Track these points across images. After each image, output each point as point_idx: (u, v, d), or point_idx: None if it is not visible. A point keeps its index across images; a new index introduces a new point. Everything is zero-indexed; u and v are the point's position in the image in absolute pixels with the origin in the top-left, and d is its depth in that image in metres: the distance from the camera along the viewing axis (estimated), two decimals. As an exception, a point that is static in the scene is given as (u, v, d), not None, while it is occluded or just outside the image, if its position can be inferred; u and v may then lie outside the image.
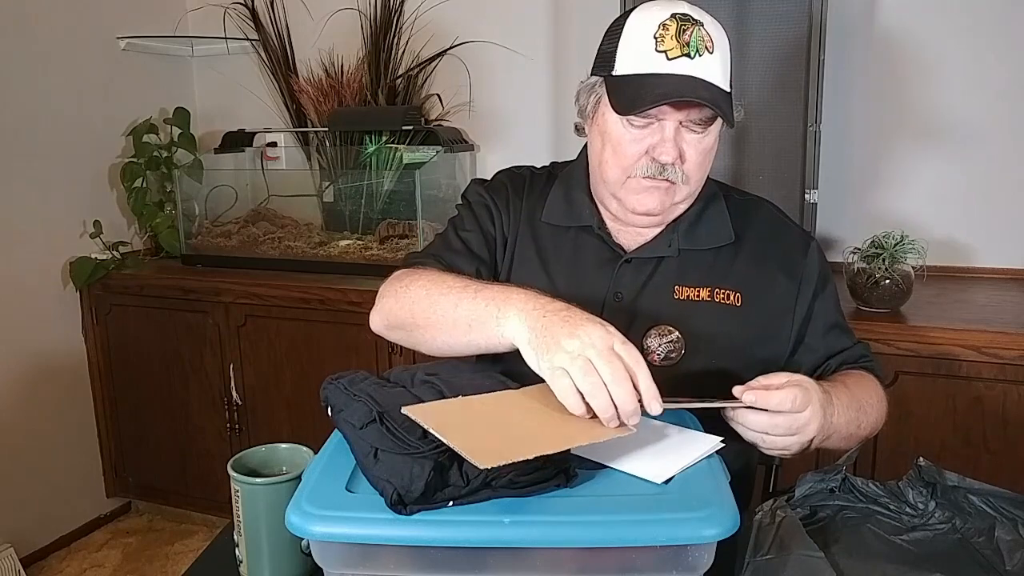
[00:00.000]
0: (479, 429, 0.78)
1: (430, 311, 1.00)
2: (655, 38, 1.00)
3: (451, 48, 2.58)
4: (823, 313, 1.14)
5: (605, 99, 1.06)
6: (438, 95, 2.64)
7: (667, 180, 1.05)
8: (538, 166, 1.28)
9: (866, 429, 1.05)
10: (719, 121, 1.06)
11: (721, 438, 0.86)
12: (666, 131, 1.03)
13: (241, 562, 0.95)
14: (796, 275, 1.13)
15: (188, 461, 2.60)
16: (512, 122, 2.59)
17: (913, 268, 1.86)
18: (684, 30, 0.99)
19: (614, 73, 1.04)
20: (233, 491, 0.93)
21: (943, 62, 2.15)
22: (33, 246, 2.44)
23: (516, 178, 1.24)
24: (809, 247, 1.16)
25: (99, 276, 2.53)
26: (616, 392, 0.78)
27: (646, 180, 1.05)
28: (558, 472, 0.76)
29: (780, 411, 0.89)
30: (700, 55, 1.00)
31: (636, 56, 1.02)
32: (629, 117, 1.03)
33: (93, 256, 2.54)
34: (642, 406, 0.80)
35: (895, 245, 1.84)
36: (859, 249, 1.90)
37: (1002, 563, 0.79)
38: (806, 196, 1.97)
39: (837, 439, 0.99)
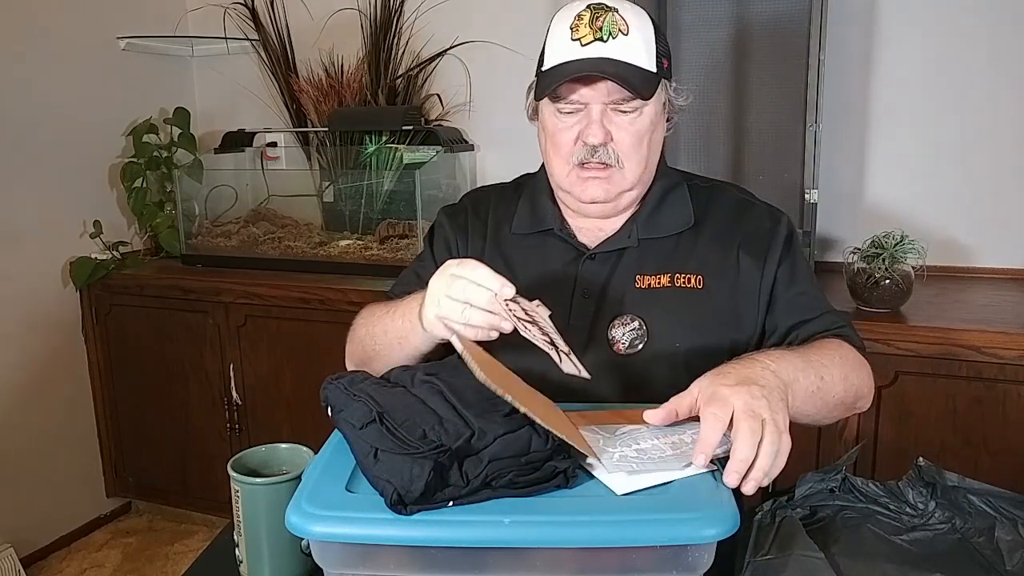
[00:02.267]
0: (497, 374, 0.81)
1: (373, 343, 1.12)
2: (571, 28, 1.06)
3: (451, 48, 2.58)
4: (788, 280, 1.12)
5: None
6: (438, 95, 2.65)
7: (602, 164, 1.08)
8: (507, 181, 1.30)
9: (836, 382, 0.98)
10: (652, 104, 1.08)
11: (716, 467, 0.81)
12: (592, 114, 1.06)
13: (241, 562, 0.95)
14: (762, 250, 1.12)
15: (188, 461, 2.60)
16: (512, 122, 2.58)
17: (913, 268, 1.86)
18: (597, 17, 1.05)
19: (542, 68, 1.09)
20: (233, 491, 0.93)
21: (944, 62, 2.15)
22: (33, 246, 2.44)
23: (478, 197, 1.28)
24: (779, 221, 1.15)
25: (99, 276, 2.53)
26: (474, 320, 0.90)
27: (584, 169, 1.09)
28: (558, 472, 0.76)
29: (732, 437, 0.78)
30: (614, 37, 1.04)
31: (556, 48, 1.07)
32: (558, 106, 1.08)
33: (93, 256, 2.54)
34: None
35: (895, 245, 1.84)
36: (859, 249, 1.90)
37: (1002, 563, 0.79)
38: (806, 196, 1.97)
39: (802, 396, 0.91)
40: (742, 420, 0.78)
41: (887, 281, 1.84)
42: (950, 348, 1.73)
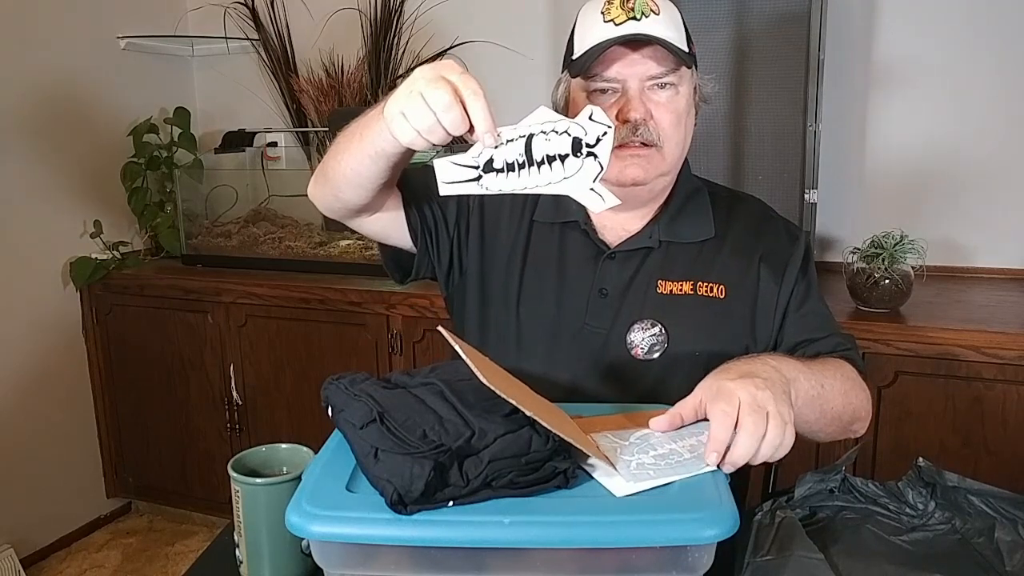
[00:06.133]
0: (494, 374, 0.80)
1: (336, 145, 1.04)
2: (602, 12, 1.05)
3: (451, 48, 2.58)
4: (801, 298, 1.13)
5: (571, 84, 1.10)
6: (438, 95, 2.64)
7: (643, 143, 1.06)
8: None
9: (836, 395, 0.98)
10: (687, 85, 1.08)
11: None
12: (630, 91, 1.05)
13: (241, 562, 0.95)
14: (780, 266, 1.13)
15: (188, 461, 2.60)
16: (511, 122, 2.59)
17: (913, 268, 1.85)
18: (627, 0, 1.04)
19: (573, 57, 1.08)
20: (233, 491, 0.93)
21: (944, 63, 2.15)
22: (33, 246, 2.44)
23: None
24: (797, 238, 1.16)
25: (99, 276, 2.53)
26: (444, 118, 0.82)
27: (624, 150, 1.05)
28: (558, 472, 0.76)
29: (737, 431, 0.78)
30: (647, 16, 1.03)
31: (588, 33, 1.06)
32: (594, 89, 1.06)
33: (93, 256, 2.54)
34: None
35: (895, 245, 1.84)
36: (859, 249, 1.90)
37: (1002, 563, 0.79)
38: (806, 196, 1.97)
39: (804, 398, 0.91)
40: (746, 415, 0.78)
41: (887, 281, 1.84)
42: (950, 348, 1.73)
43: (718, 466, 0.78)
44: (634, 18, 1.03)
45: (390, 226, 1.16)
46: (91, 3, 2.57)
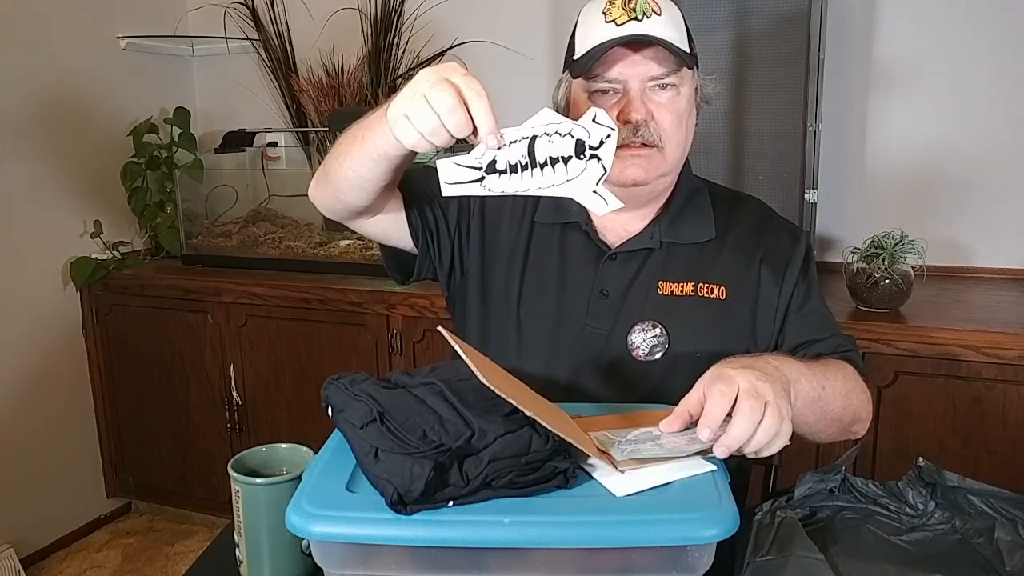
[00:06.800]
0: (494, 374, 0.80)
1: (338, 147, 1.04)
2: (604, 12, 1.05)
3: (451, 48, 2.58)
4: (802, 299, 1.13)
5: (572, 85, 1.10)
6: (438, 95, 2.64)
7: (644, 144, 1.06)
8: None
9: (837, 396, 0.98)
10: (687, 86, 1.07)
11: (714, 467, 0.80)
12: (632, 91, 1.05)
13: (241, 562, 0.95)
14: (781, 266, 1.13)
15: (188, 461, 2.60)
16: (512, 123, 2.58)
17: (913, 268, 1.85)
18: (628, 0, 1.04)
19: (575, 57, 1.08)
20: (233, 491, 0.94)
21: (944, 62, 2.15)
22: (33, 246, 2.44)
23: None
24: (798, 239, 1.16)
25: (99, 276, 2.53)
26: (447, 121, 0.83)
27: (625, 150, 1.05)
28: (558, 472, 0.76)
29: (733, 414, 0.79)
30: (648, 16, 1.03)
31: (590, 33, 1.06)
32: (595, 90, 1.06)
33: (93, 256, 2.54)
34: None
35: (895, 245, 1.84)
36: (859, 249, 1.90)
37: (1002, 564, 0.79)
38: (806, 196, 1.97)
39: (804, 399, 0.91)
40: (744, 399, 0.78)
41: (887, 281, 1.84)
42: (950, 348, 1.73)
43: (712, 452, 0.78)
44: (635, 19, 1.03)
45: (391, 227, 1.16)
46: (91, 3, 2.57)
